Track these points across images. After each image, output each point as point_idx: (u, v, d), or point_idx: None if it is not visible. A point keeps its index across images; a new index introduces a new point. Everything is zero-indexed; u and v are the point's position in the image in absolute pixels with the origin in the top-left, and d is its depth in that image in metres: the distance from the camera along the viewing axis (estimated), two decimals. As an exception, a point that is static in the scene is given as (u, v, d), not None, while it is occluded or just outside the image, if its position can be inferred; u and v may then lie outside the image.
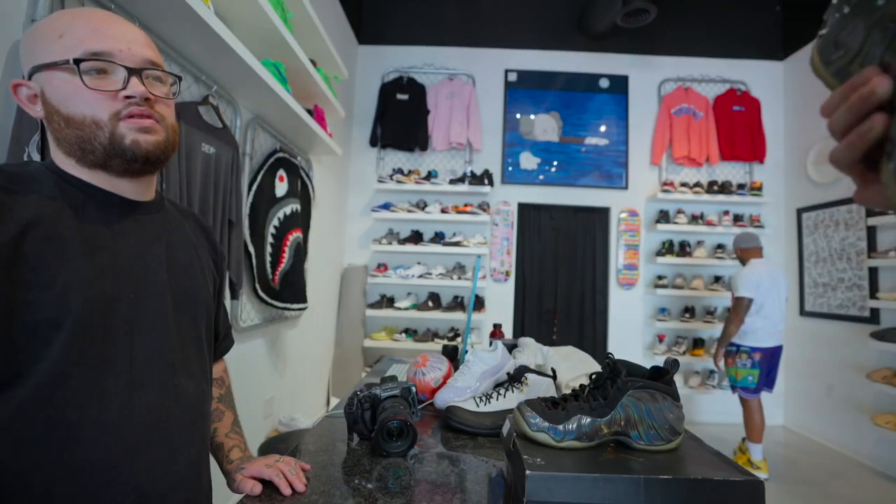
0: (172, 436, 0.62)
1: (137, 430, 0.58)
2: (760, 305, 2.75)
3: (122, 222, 0.62)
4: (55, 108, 0.58)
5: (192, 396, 0.67)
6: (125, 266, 0.60)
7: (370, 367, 3.22)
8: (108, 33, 0.59)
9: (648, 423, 0.65)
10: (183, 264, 0.70)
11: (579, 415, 0.65)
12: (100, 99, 0.58)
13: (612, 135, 3.99)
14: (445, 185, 3.70)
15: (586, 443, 0.64)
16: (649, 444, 0.65)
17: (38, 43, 0.58)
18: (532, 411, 0.66)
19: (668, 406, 0.67)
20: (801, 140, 3.78)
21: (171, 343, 0.64)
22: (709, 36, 4.02)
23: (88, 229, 0.58)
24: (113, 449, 0.56)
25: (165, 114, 0.64)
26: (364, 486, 0.71)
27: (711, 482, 0.55)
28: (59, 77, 0.57)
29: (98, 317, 0.56)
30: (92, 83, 0.57)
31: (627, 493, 0.55)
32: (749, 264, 2.83)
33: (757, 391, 2.79)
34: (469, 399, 1.04)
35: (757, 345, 2.78)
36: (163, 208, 0.71)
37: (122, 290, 0.59)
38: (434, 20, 4.04)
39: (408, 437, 0.83)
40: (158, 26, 1.35)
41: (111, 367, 0.57)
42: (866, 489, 2.65)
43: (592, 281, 3.95)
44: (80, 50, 0.56)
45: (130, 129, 0.59)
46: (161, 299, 0.64)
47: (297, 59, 2.02)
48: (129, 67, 0.59)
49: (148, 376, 0.60)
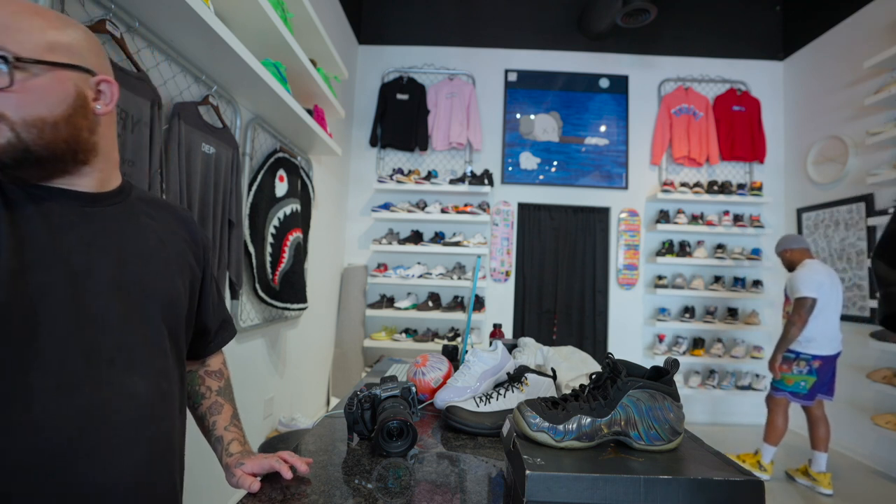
0: (111, 437, 0.58)
1: (65, 431, 0.55)
2: (821, 309, 2.55)
3: (65, 216, 0.60)
4: None
5: (143, 396, 0.63)
6: (60, 260, 0.57)
7: (370, 367, 3.22)
8: None
9: (648, 422, 0.65)
10: (141, 256, 0.67)
11: (579, 415, 0.65)
12: None
13: (612, 135, 3.99)
14: (445, 185, 3.70)
15: (586, 443, 0.65)
16: (649, 444, 0.65)
17: None
18: (532, 411, 0.66)
19: (669, 406, 0.67)
20: (801, 140, 3.78)
21: (113, 339, 0.60)
22: (709, 36, 4.02)
23: (22, 224, 0.55)
24: (42, 451, 0.53)
25: (5, 110, 0.54)
26: (364, 486, 0.71)
27: (712, 482, 0.55)
28: None
29: (21, 314, 0.53)
30: None
31: (627, 493, 0.55)
32: (805, 265, 2.64)
33: (809, 398, 2.63)
34: (469, 399, 1.04)
35: (818, 353, 2.58)
36: (126, 199, 0.68)
37: (54, 286, 0.56)
38: (434, 20, 4.04)
39: (408, 437, 0.83)
40: (158, 26, 1.35)
41: (39, 366, 0.54)
42: (866, 489, 2.65)
43: (592, 281, 3.95)
44: None
45: None
46: (103, 293, 0.61)
47: (297, 59, 2.02)
48: None
49: (82, 375, 0.57)
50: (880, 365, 2.94)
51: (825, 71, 3.57)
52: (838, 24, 3.48)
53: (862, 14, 3.28)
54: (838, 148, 3.37)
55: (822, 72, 3.61)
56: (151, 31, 1.36)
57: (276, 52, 1.93)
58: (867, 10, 3.24)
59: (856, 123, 3.27)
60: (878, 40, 3.10)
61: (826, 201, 3.47)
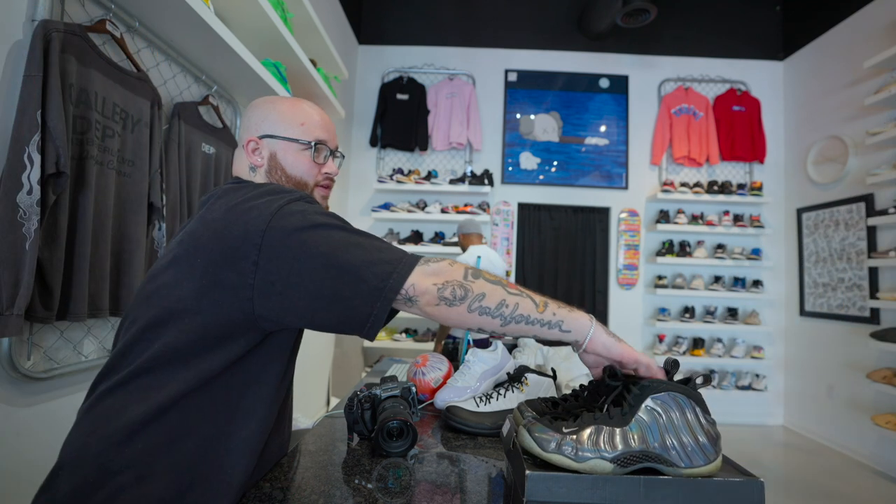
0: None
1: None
2: None
3: None
4: (281, 166, 0.79)
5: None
6: None
7: (370, 367, 3.22)
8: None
9: (679, 438, 0.57)
10: None
11: (595, 426, 0.57)
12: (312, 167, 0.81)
13: (612, 135, 3.99)
14: (445, 185, 3.70)
15: (618, 468, 0.56)
16: (689, 467, 0.56)
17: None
18: (535, 420, 0.60)
19: (701, 416, 0.59)
20: (801, 140, 3.78)
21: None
22: (709, 36, 4.02)
23: None
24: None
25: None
26: (364, 486, 0.71)
27: (712, 482, 0.55)
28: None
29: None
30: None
31: (627, 494, 0.55)
32: None
33: None
34: (469, 399, 1.04)
35: None
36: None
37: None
38: (434, 20, 4.04)
39: (408, 437, 0.83)
40: (158, 26, 1.35)
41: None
42: (866, 489, 2.65)
43: (592, 281, 3.95)
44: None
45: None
46: None
47: (297, 59, 2.02)
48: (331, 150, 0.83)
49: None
50: (880, 365, 2.93)
51: (825, 71, 3.57)
52: (838, 24, 3.48)
53: (862, 14, 3.28)
54: (838, 148, 3.37)
55: (822, 72, 3.60)
56: (151, 31, 1.36)
57: (276, 52, 1.93)
58: (867, 10, 3.24)
59: (856, 123, 3.27)
60: (878, 40, 3.10)
61: (826, 201, 3.47)
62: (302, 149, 0.79)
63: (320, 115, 0.83)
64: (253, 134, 0.79)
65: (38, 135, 0.93)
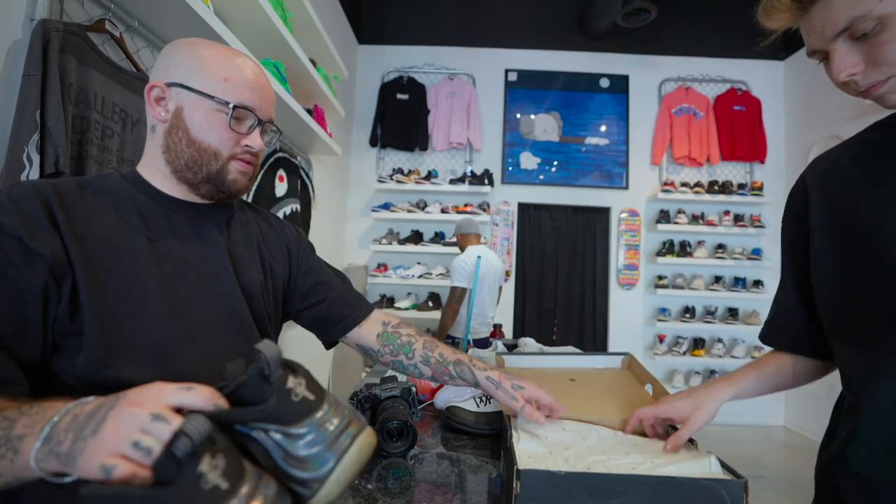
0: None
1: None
2: None
3: (188, 228, 0.68)
4: (185, 126, 0.64)
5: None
6: (193, 270, 0.66)
7: (370, 367, 3.22)
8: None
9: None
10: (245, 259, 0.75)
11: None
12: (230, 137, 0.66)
13: (612, 135, 3.99)
14: (445, 184, 3.70)
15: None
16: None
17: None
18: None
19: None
20: (801, 139, 3.77)
21: (247, 337, 0.70)
22: (709, 36, 4.01)
23: (157, 240, 0.64)
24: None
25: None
26: (364, 486, 0.71)
27: (697, 482, 0.55)
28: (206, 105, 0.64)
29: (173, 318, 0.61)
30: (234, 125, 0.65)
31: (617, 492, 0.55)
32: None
33: None
34: (469, 399, 1.04)
35: None
36: (230, 207, 0.78)
37: (193, 294, 0.64)
38: (434, 20, 4.04)
39: (408, 437, 0.83)
40: (158, 26, 1.35)
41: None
42: (867, 489, 2.64)
43: (593, 281, 3.95)
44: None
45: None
46: (232, 296, 0.69)
47: (297, 59, 2.01)
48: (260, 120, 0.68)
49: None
50: (881, 365, 2.93)
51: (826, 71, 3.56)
52: (839, 23, 3.47)
53: (862, 14, 3.28)
54: (839, 148, 3.37)
55: (822, 72, 3.48)
56: (151, 31, 1.36)
57: (276, 52, 1.93)
58: (868, 9, 3.24)
59: (856, 123, 3.26)
60: (878, 40, 3.10)
61: (826, 201, 3.46)
62: (216, 109, 0.63)
63: (255, 74, 0.67)
64: (160, 79, 0.64)
65: (37, 134, 0.93)
